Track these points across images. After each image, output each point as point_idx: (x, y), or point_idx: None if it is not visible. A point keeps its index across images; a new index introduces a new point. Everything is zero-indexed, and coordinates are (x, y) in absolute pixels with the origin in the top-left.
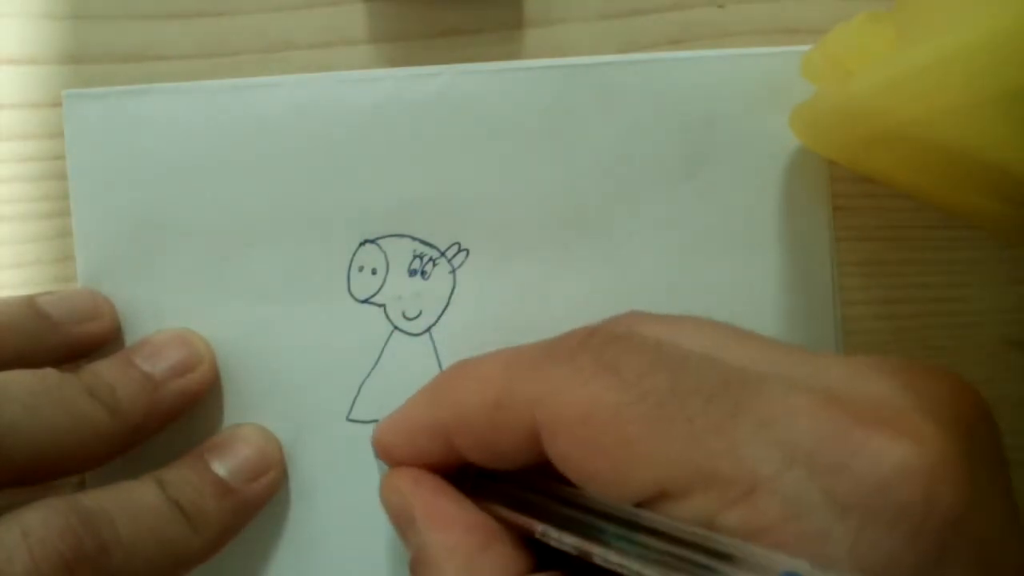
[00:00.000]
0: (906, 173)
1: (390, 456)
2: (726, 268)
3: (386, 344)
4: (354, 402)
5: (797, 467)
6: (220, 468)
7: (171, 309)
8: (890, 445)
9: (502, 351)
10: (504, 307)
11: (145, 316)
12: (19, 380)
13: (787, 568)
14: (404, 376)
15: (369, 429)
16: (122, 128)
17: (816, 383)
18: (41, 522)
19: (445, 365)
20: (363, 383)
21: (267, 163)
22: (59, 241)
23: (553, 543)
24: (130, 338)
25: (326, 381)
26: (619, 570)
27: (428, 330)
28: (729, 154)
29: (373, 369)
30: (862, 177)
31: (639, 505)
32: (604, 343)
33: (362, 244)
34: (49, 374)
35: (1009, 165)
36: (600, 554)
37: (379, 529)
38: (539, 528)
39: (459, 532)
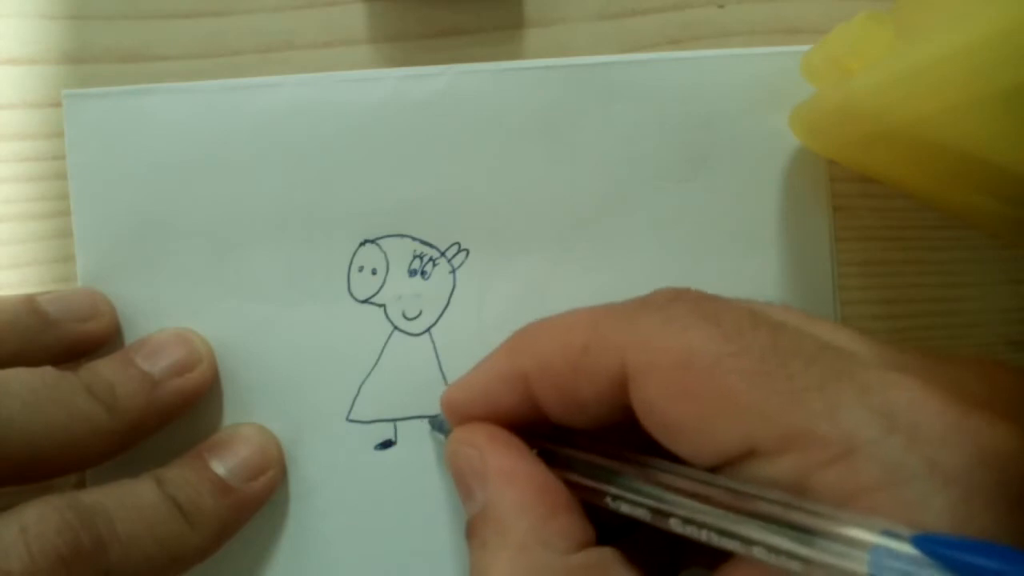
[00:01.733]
0: (906, 173)
1: (460, 413)
2: (726, 268)
3: (386, 344)
4: (354, 402)
5: (897, 435)
6: (219, 467)
7: (171, 309)
8: (989, 424)
9: (582, 308)
10: (504, 307)
11: (145, 316)
12: (18, 378)
13: (887, 528)
14: (404, 376)
15: (369, 429)
16: (122, 128)
17: (904, 364)
18: (38, 518)
19: (445, 365)
20: (363, 383)
21: (267, 163)
22: (59, 241)
23: (625, 509)
24: (130, 338)
25: (326, 381)
26: (696, 535)
27: (428, 330)
28: (729, 154)
29: (373, 369)
30: (862, 177)
31: (720, 464)
32: (700, 297)
33: (362, 244)
34: (48, 372)
35: (1009, 165)
36: (678, 522)
37: (379, 529)
38: (612, 491)
39: (533, 491)
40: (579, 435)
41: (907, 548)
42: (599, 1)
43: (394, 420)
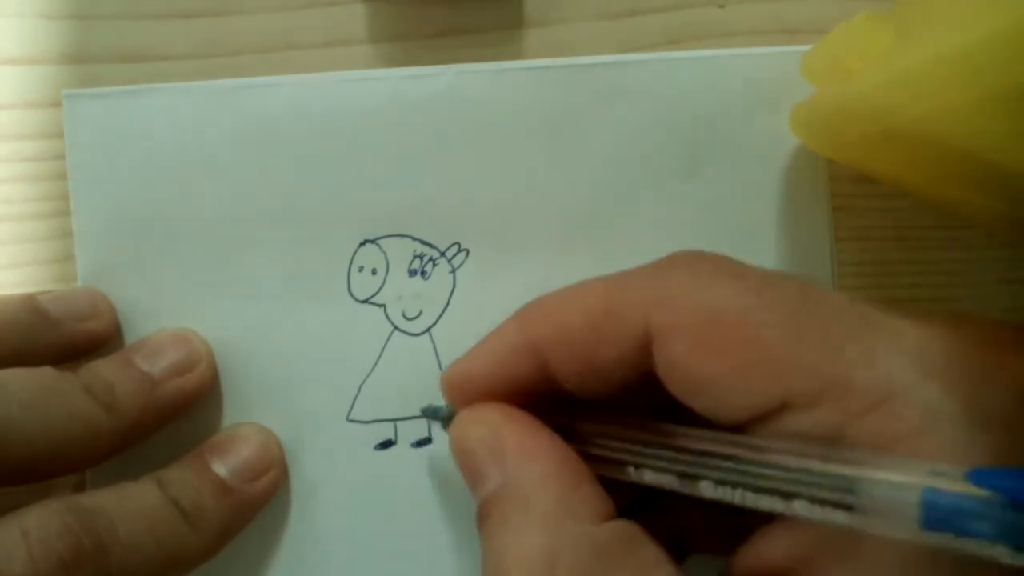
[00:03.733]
0: (906, 172)
1: (464, 392)
2: None
3: (386, 344)
4: (354, 402)
5: (934, 379)
6: (220, 468)
7: (171, 309)
8: (1021, 363)
9: (593, 278)
10: (504, 307)
11: (145, 316)
12: (17, 378)
13: (934, 469)
14: (404, 376)
15: (369, 429)
16: (122, 128)
17: (927, 314)
18: (39, 522)
19: (445, 365)
20: (363, 383)
21: (267, 163)
22: (59, 241)
23: (649, 478)
24: (130, 337)
25: (326, 381)
26: (729, 496)
27: (428, 330)
28: (729, 154)
29: (373, 369)
30: (862, 177)
31: (748, 421)
32: (720, 256)
33: (362, 244)
34: (47, 372)
35: (1009, 165)
36: (709, 486)
37: (379, 529)
38: (636, 460)
39: (556, 464)
40: (590, 409)
41: (957, 486)
42: (599, 1)
43: (394, 420)
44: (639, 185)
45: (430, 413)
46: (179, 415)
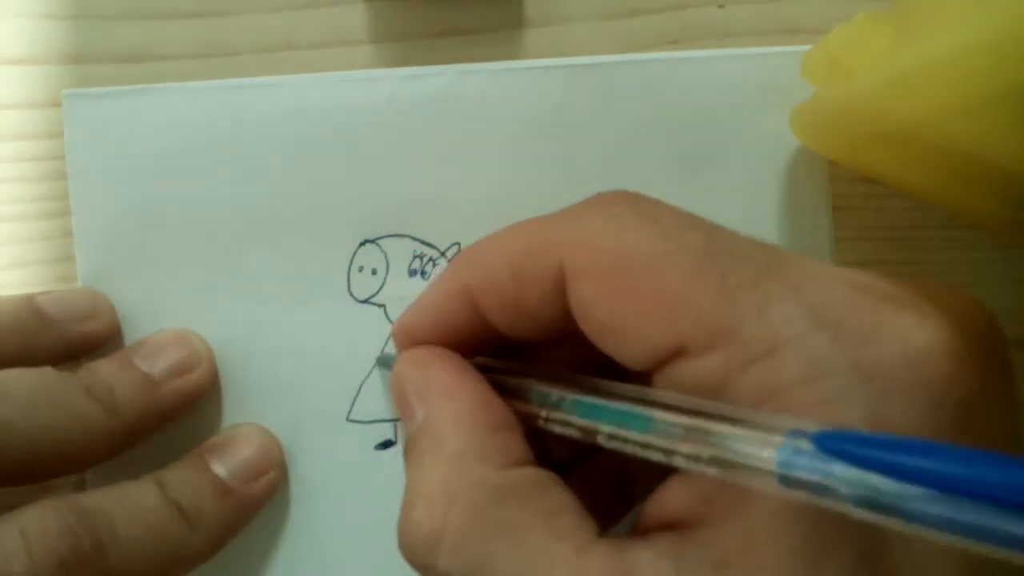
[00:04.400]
0: (906, 173)
1: (410, 338)
2: None
3: (386, 344)
4: (354, 402)
5: (823, 331)
6: (220, 468)
7: (171, 309)
8: (917, 323)
9: (524, 220)
10: None
11: (145, 316)
12: (16, 379)
13: (795, 427)
14: None
15: (369, 429)
16: (122, 128)
17: (841, 271)
18: (39, 522)
19: None
20: (363, 383)
21: (267, 163)
22: (59, 241)
23: (556, 430)
24: (130, 338)
25: (326, 381)
26: (622, 448)
27: None
28: (729, 154)
29: (373, 369)
30: (862, 177)
31: (654, 365)
32: (641, 198)
33: (362, 244)
34: (46, 373)
35: (1009, 165)
36: (605, 433)
37: (379, 529)
38: (543, 413)
39: (473, 405)
40: (521, 363)
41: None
42: (599, 1)
43: (394, 420)
44: (639, 185)
45: (383, 362)
46: (179, 415)
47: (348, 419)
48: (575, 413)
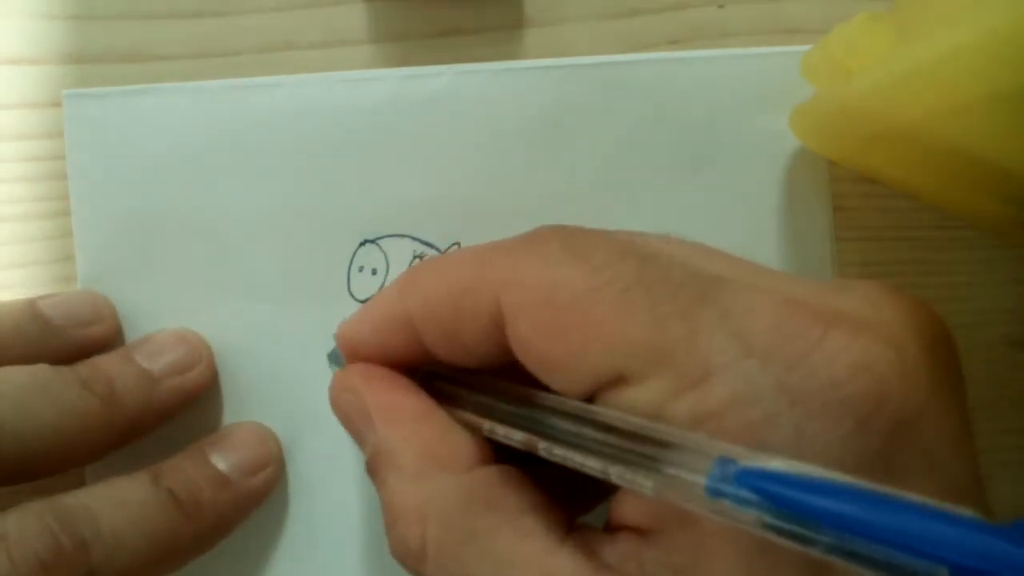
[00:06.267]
0: (906, 173)
1: (354, 352)
2: None
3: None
4: None
5: (752, 358)
6: (220, 461)
7: (171, 308)
8: (847, 343)
9: (468, 248)
10: None
11: (145, 316)
12: (9, 377)
13: (723, 453)
14: None
15: None
16: (122, 128)
17: (780, 288)
18: (18, 524)
19: None
20: None
21: (267, 163)
22: (59, 241)
23: (500, 439)
24: (130, 338)
25: (326, 381)
26: (563, 462)
27: None
28: (729, 154)
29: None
30: (862, 177)
31: (594, 394)
32: (575, 233)
33: (362, 244)
34: (41, 369)
35: (1009, 165)
36: (545, 447)
37: (379, 528)
38: (486, 425)
39: (417, 420)
40: (466, 372)
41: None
42: (599, 1)
43: None
44: (639, 185)
45: (333, 359)
46: (177, 413)
47: None
48: (514, 427)
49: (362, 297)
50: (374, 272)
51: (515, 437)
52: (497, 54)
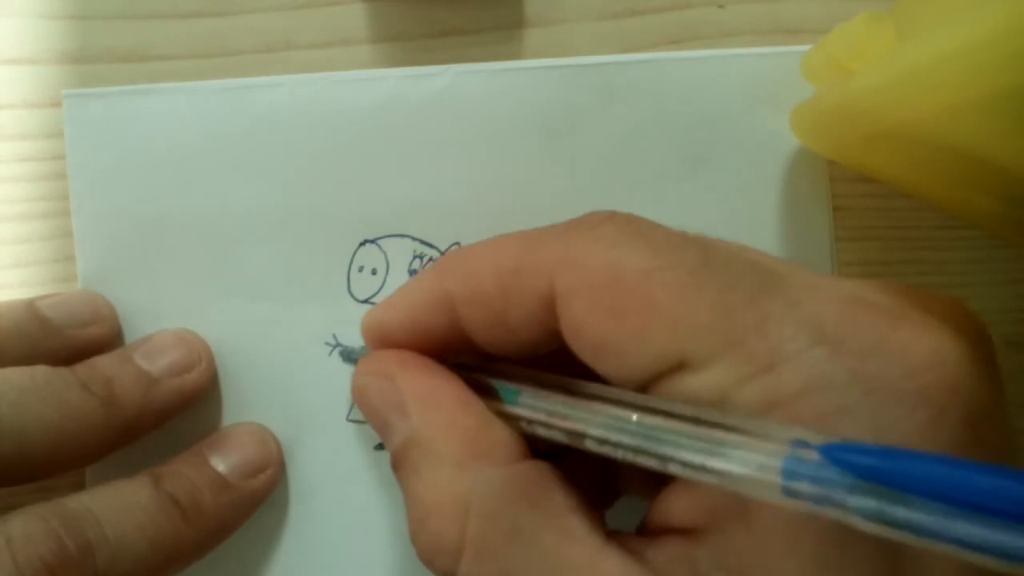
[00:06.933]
0: (906, 173)
1: (382, 339)
2: None
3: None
4: (353, 403)
5: (822, 346)
6: (219, 463)
7: (171, 309)
8: (917, 336)
9: (513, 232)
10: None
11: (145, 316)
12: (7, 378)
13: (798, 438)
14: None
15: (369, 429)
16: (122, 128)
17: (842, 285)
18: (23, 528)
19: None
20: None
21: (267, 163)
22: (59, 241)
23: (541, 433)
24: (130, 338)
25: (326, 381)
26: (612, 454)
27: None
28: (729, 154)
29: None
30: (862, 177)
31: (649, 382)
32: (629, 218)
33: (362, 244)
34: (39, 370)
35: (1009, 165)
36: (596, 438)
37: (379, 529)
38: (526, 415)
39: (458, 409)
40: (496, 361)
41: (816, 457)
42: (599, 1)
43: None
44: (639, 185)
45: (346, 356)
46: (177, 414)
47: (348, 419)
48: (563, 418)
49: (362, 297)
50: (374, 272)
51: (560, 427)
52: (497, 54)
